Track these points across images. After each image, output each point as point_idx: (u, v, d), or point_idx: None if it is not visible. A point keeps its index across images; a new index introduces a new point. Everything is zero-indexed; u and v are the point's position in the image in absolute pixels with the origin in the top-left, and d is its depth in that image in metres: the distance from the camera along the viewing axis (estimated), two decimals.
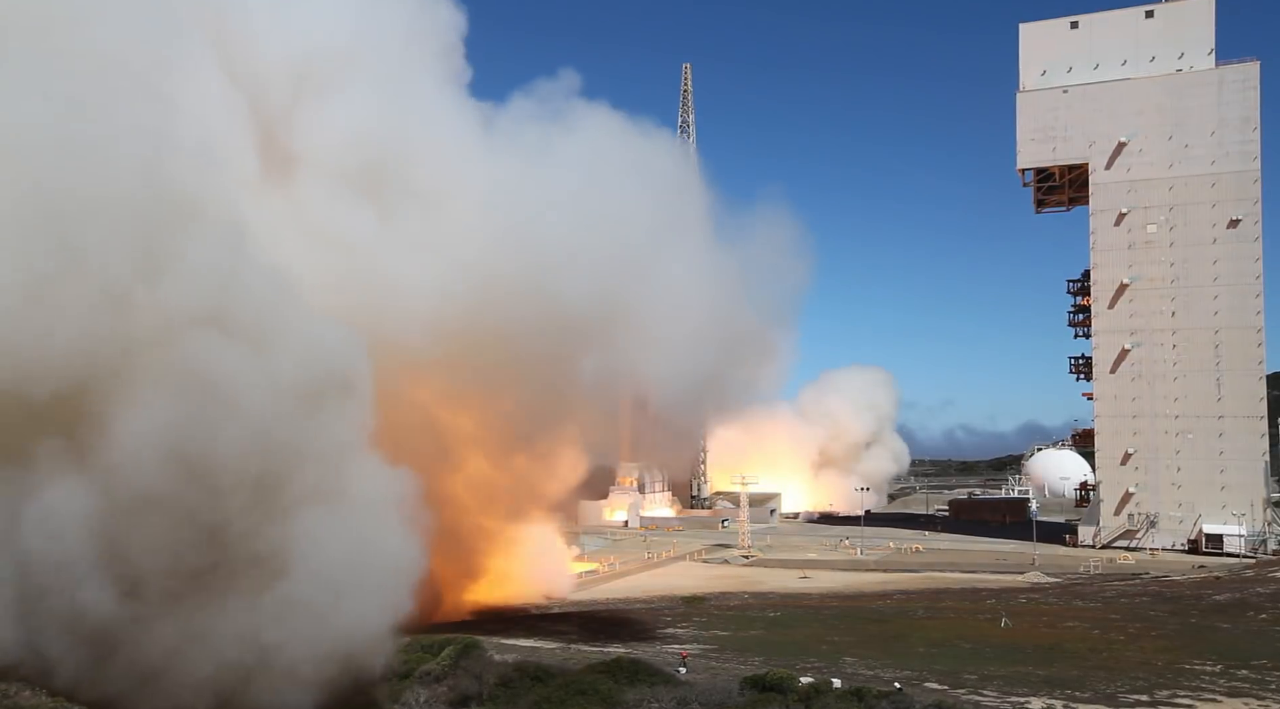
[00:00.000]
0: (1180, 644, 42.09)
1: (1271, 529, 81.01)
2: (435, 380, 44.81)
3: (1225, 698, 33.25)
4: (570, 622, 50.33)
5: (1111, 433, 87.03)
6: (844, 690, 31.40)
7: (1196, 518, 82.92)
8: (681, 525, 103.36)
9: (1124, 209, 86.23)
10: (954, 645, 42.50)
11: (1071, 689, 34.10)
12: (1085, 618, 49.57)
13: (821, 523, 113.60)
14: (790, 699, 30.43)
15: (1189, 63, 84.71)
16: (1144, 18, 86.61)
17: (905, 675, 36.03)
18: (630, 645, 42.00)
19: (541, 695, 31.97)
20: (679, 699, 31.25)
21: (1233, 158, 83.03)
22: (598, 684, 31.91)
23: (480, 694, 33.04)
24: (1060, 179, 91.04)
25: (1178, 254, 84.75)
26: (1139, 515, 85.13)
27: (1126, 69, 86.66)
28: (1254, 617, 49.32)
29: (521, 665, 34.90)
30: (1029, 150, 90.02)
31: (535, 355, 44.15)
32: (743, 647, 42.49)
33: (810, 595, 61.08)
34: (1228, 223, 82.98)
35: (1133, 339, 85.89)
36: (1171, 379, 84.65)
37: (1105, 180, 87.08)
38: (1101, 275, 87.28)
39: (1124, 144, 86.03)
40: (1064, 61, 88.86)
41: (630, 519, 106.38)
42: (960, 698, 32.61)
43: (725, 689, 32.09)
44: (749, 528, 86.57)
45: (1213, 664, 38.16)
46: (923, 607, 54.23)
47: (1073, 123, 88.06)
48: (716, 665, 37.95)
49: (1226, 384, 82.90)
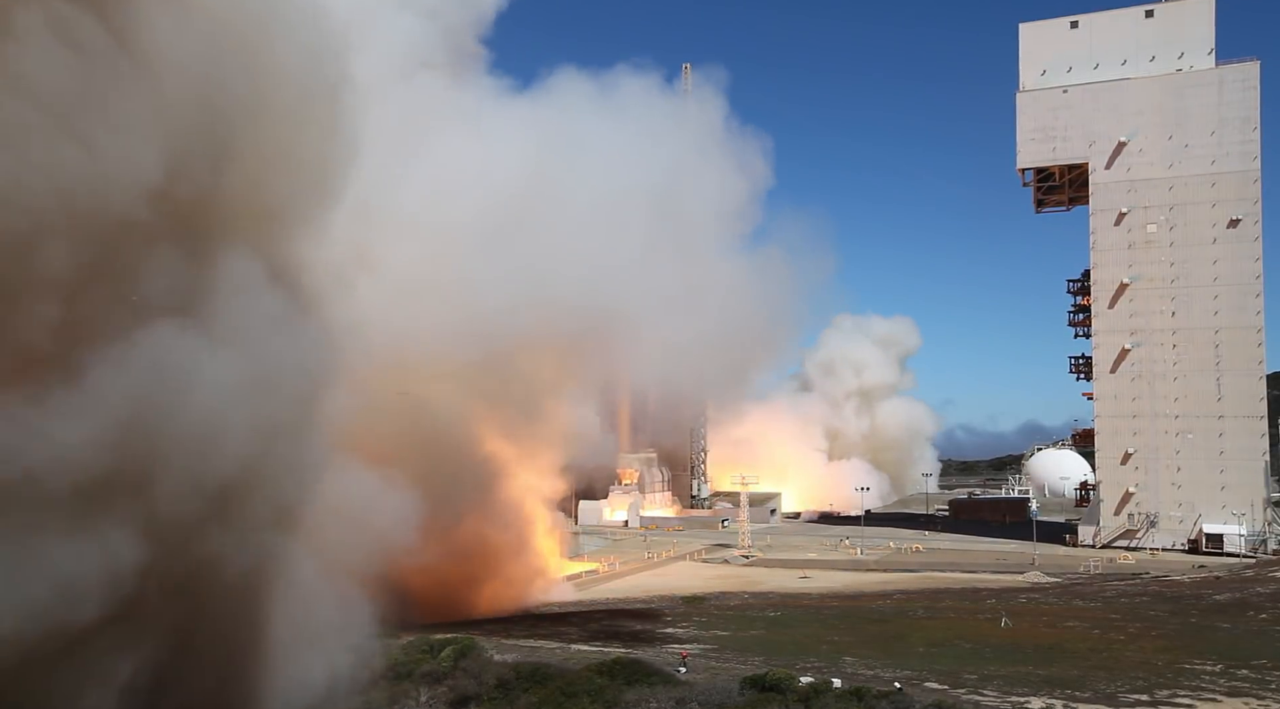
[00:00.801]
0: (1180, 644, 42.09)
1: (1271, 529, 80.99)
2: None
3: (1225, 698, 33.26)
4: (570, 622, 50.34)
5: (1111, 433, 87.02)
6: (844, 690, 31.43)
7: (1196, 518, 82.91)
8: (681, 525, 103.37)
9: (1124, 209, 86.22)
10: (954, 645, 42.50)
11: (1071, 689, 34.09)
12: (1085, 618, 49.55)
13: (821, 523, 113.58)
14: (790, 699, 30.46)
15: (1189, 62, 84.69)
16: (1144, 17, 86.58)
17: (905, 675, 36.03)
18: (630, 645, 42.00)
19: (541, 696, 32.00)
20: (679, 699, 31.29)
21: (1233, 158, 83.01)
22: (597, 684, 31.94)
23: (480, 694, 33.08)
24: (1060, 179, 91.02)
25: (1178, 254, 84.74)
26: (1139, 515, 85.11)
27: (1126, 69, 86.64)
28: (1254, 617, 49.31)
29: (521, 666, 34.93)
30: (1029, 150, 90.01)
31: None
32: (743, 647, 42.49)
33: (810, 595, 61.05)
34: (1228, 223, 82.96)
35: (1133, 339, 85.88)
36: (1171, 379, 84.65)
37: (1105, 180, 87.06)
38: (1101, 275, 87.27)
39: (1124, 144, 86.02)
40: (1064, 61, 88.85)
41: (630, 519, 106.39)
42: (960, 698, 32.60)
43: (725, 689, 32.12)
44: (749, 528, 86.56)
45: (1213, 664, 38.15)
46: (923, 606, 54.21)
47: (1073, 123, 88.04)
48: (716, 665, 37.94)
49: (1226, 384, 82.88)
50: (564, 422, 56.25)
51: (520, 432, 52.69)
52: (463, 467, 48.95)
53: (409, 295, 44.35)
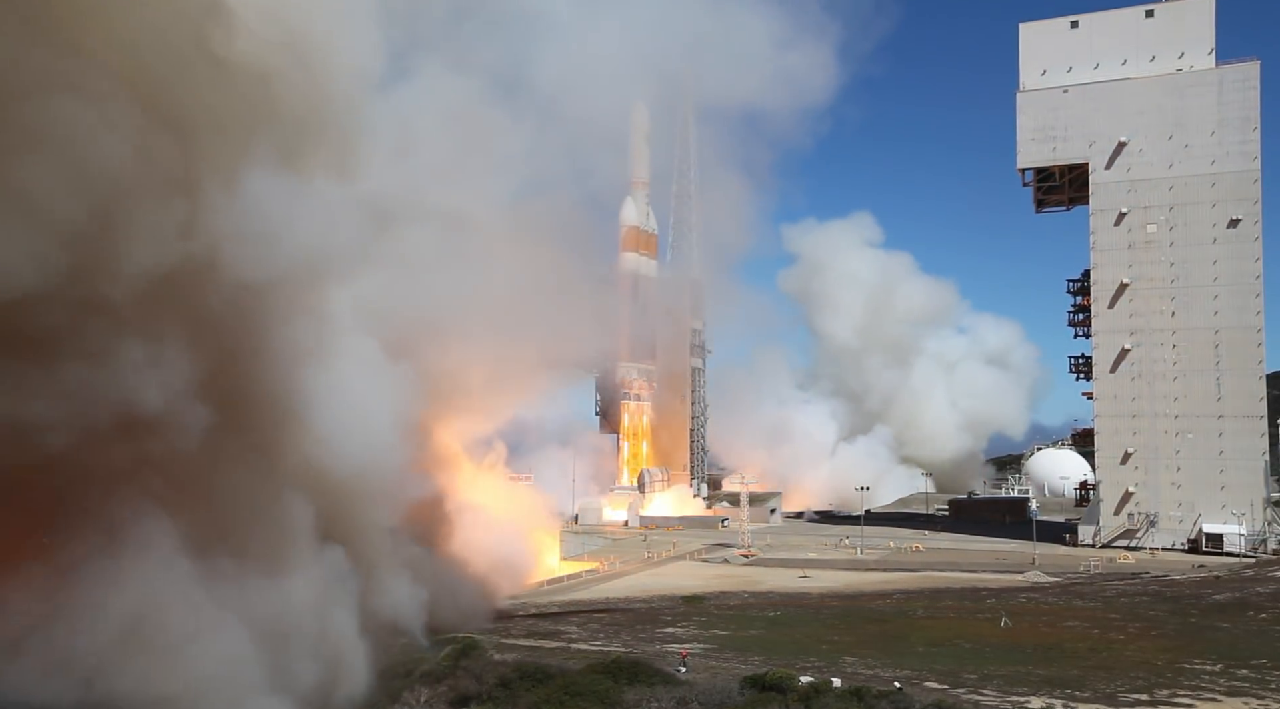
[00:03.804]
0: (1180, 644, 42.10)
1: (1271, 529, 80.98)
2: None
3: (1225, 698, 33.27)
4: (570, 621, 50.35)
5: (1111, 432, 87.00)
6: (844, 690, 31.45)
7: (1196, 518, 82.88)
8: (681, 525, 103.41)
9: (1124, 209, 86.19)
10: (954, 645, 42.51)
11: (1071, 689, 34.10)
12: (1085, 618, 49.56)
13: (822, 522, 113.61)
14: (790, 699, 30.48)
15: (1189, 62, 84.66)
16: (1144, 17, 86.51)
17: (905, 675, 36.03)
18: (630, 645, 41.99)
19: (541, 695, 32.00)
20: (679, 699, 31.31)
21: (1233, 157, 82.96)
22: (597, 684, 31.95)
23: (480, 694, 33.08)
24: (1060, 179, 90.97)
25: (1178, 254, 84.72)
26: (1139, 515, 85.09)
27: (1126, 69, 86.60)
28: (1254, 616, 49.31)
29: (521, 665, 34.94)
30: (1029, 150, 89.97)
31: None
32: (742, 646, 42.48)
33: (810, 595, 61.06)
34: (1228, 223, 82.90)
35: (1132, 339, 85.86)
36: (1171, 379, 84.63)
37: (1105, 180, 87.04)
38: (1101, 275, 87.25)
39: (1124, 144, 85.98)
40: (1064, 61, 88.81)
41: (630, 519, 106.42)
42: (960, 698, 32.61)
43: (725, 689, 32.15)
44: (749, 527, 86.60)
45: (1213, 664, 38.15)
46: (922, 606, 54.22)
47: (1073, 122, 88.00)
48: (716, 665, 37.94)
49: (1226, 384, 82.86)
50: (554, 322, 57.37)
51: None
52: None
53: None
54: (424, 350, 44.61)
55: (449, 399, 49.43)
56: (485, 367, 51.20)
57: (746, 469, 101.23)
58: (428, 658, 35.94)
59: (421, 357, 43.92)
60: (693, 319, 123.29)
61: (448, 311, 46.50)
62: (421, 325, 44.51)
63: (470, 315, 48.37)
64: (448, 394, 48.71)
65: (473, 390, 51.69)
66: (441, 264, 45.54)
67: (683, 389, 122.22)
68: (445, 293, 45.85)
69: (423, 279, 44.41)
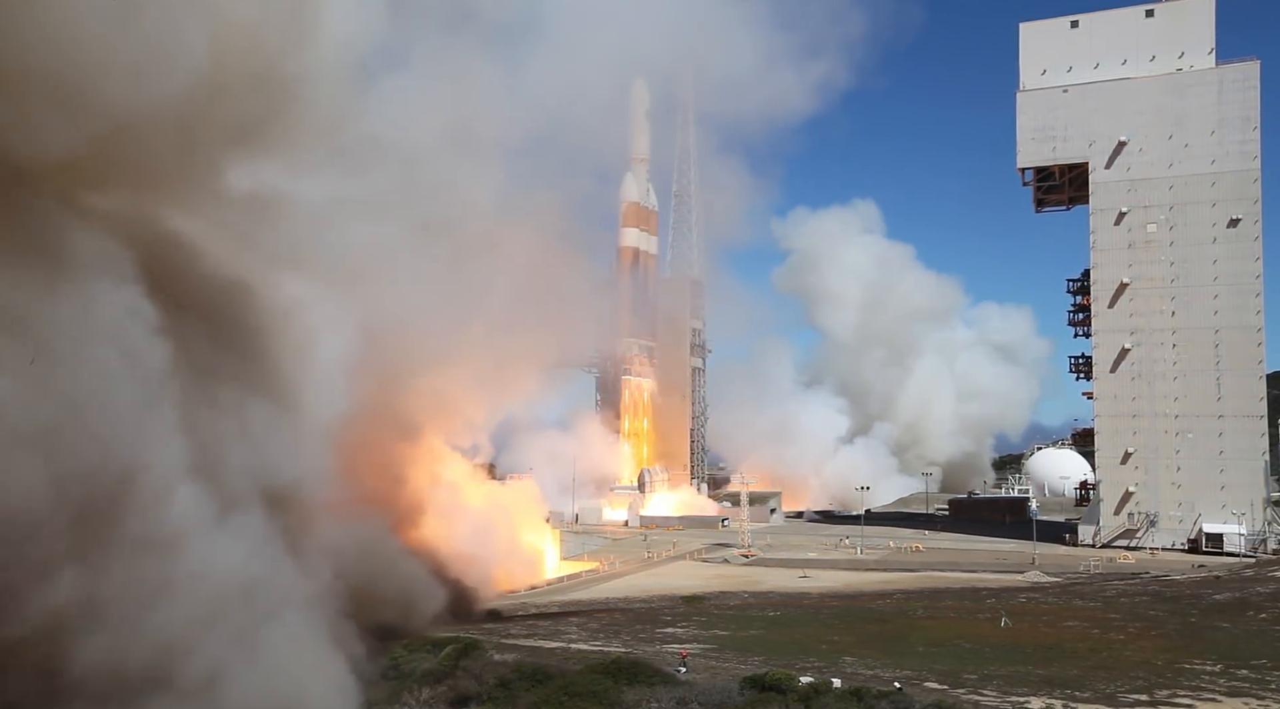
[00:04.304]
0: (1180, 644, 42.08)
1: (1271, 529, 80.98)
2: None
3: (1225, 698, 33.25)
4: (570, 621, 50.33)
5: (1111, 432, 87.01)
6: (844, 690, 31.45)
7: (1196, 517, 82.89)
8: (681, 525, 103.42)
9: (1124, 208, 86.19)
10: (954, 645, 42.47)
11: (1071, 689, 34.08)
12: (1085, 617, 49.54)
13: (822, 522, 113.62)
14: (790, 699, 30.48)
15: (1189, 62, 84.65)
16: (1144, 17, 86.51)
17: (905, 675, 36.01)
18: (630, 645, 41.97)
19: (541, 696, 32.00)
20: (679, 699, 31.30)
21: (1233, 157, 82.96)
22: (597, 684, 31.95)
23: (480, 694, 33.07)
24: (1060, 178, 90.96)
25: (1178, 254, 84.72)
26: (1139, 515, 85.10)
27: (1126, 68, 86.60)
28: (1254, 616, 49.29)
29: (521, 665, 34.92)
30: (1029, 149, 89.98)
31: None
32: (742, 646, 42.45)
33: (810, 595, 61.05)
34: (1228, 222, 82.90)
35: (1132, 339, 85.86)
36: (1171, 379, 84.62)
37: (1105, 180, 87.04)
38: (1101, 275, 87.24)
39: (1124, 143, 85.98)
40: (1064, 61, 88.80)
41: (630, 518, 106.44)
42: (960, 698, 32.60)
43: (725, 689, 32.14)
44: (749, 527, 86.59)
45: (1213, 664, 38.13)
46: (922, 606, 54.21)
47: (1073, 122, 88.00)
48: (716, 665, 37.91)
49: (1226, 384, 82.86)
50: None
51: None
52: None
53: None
54: (408, 351, 44.12)
55: (439, 398, 49.13)
56: (481, 364, 50.94)
57: (747, 469, 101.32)
58: (427, 658, 35.87)
59: (407, 356, 43.46)
60: (692, 319, 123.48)
61: (435, 312, 46.08)
62: (402, 325, 43.96)
63: (462, 313, 48.00)
64: (438, 393, 48.42)
65: (465, 389, 51.38)
66: (424, 264, 45.03)
67: (683, 389, 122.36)
68: (428, 292, 45.35)
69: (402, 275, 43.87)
